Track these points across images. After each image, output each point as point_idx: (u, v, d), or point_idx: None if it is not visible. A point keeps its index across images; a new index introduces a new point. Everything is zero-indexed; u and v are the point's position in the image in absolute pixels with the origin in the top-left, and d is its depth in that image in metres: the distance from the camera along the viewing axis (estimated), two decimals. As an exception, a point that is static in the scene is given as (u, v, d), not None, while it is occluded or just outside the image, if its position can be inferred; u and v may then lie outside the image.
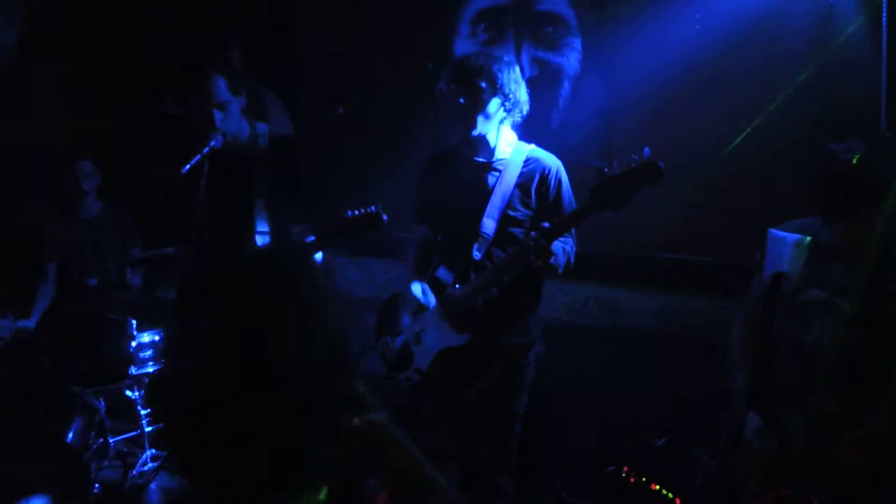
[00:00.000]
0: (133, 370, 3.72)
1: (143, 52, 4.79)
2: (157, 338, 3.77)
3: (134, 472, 3.69)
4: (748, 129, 3.10)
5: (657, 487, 2.89)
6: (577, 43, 3.60)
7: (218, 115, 3.07)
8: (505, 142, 2.86)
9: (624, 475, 2.98)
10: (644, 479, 2.92)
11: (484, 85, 2.71)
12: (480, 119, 2.75)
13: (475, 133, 2.78)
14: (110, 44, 4.81)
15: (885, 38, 2.98)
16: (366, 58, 4.12)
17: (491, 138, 2.84)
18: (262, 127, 3.26)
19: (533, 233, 2.62)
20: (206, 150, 2.87)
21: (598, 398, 3.56)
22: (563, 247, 2.78)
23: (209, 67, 3.06)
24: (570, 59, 3.62)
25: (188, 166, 2.81)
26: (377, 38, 4.10)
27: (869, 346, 2.32)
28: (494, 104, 2.76)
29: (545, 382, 3.28)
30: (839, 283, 2.36)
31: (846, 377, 2.33)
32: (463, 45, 3.83)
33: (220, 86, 3.05)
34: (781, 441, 2.38)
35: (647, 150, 2.36)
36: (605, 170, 2.40)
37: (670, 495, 2.87)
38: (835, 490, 2.30)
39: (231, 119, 3.13)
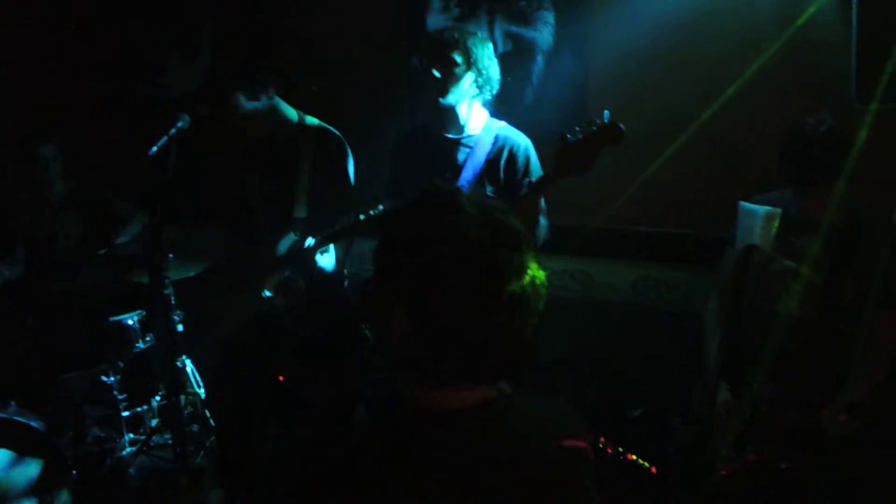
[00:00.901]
0: (109, 355, 3.69)
1: (113, 35, 4.70)
2: (131, 321, 3.74)
3: (112, 458, 3.67)
4: (721, 101, 3.10)
5: (634, 457, 2.93)
6: (550, 17, 3.58)
7: (248, 124, 3.04)
8: (475, 118, 2.87)
9: (601, 446, 3.01)
10: (621, 450, 2.95)
11: (459, 58, 2.73)
12: (453, 91, 2.77)
13: (445, 102, 2.78)
14: (78, 25, 4.72)
15: (854, 9, 3.00)
16: (339, 35, 4.08)
17: (462, 114, 2.85)
18: (310, 118, 3.16)
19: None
20: (172, 131, 2.82)
21: (574, 370, 3.58)
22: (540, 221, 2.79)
23: (225, 89, 3.00)
24: (544, 34, 3.59)
25: (155, 148, 2.77)
26: (350, 15, 4.05)
27: (837, 314, 2.35)
28: (468, 78, 2.78)
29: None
30: (809, 254, 2.39)
31: (814, 346, 2.37)
32: (435, 20, 3.79)
33: (240, 102, 2.99)
34: (750, 408, 2.42)
35: (606, 112, 2.39)
36: (568, 136, 2.42)
37: (646, 465, 2.91)
38: (805, 455, 2.34)
39: (262, 121, 3.05)
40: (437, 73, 2.74)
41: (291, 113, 3.15)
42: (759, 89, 3.13)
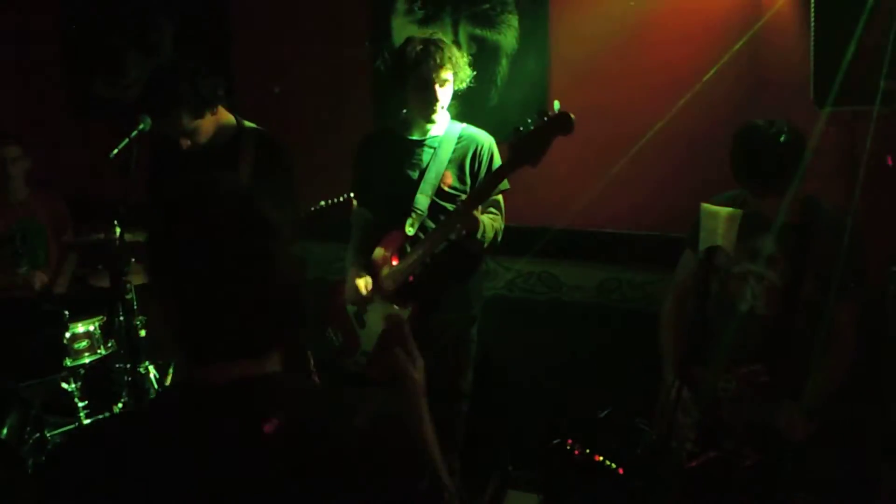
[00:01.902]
0: (68, 362, 3.61)
1: (72, 34, 4.61)
2: (91, 328, 3.66)
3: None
4: (683, 102, 3.14)
5: (601, 458, 2.95)
6: (514, 20, 3.59)
7: (185, 140, 2.87)
8: (440, 120, 2.89)
9: (569, 448, 3.02)
10: (588, 451, 2.97)
11: (451, 76, 2.80)
12: (444, 105, 2.84)
13: (437, 116, 2.85)
14: (39, 24, 4.63)
15: (812, 12, 3.05)
16: (303, 36, 4.05)
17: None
18: (248, 123, 3.00)
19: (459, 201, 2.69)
20: (134, 133, 2.77)
21: (542, 372, 3.60)
22: (490, 222, 2.82)
23: (169, 106, 2.83)
24: (508, 37, 3.61)
25: (116, 150, 2.73)
26: (315, 16, 4.03)
27: (797, 312, 2.39)
28: (453, 89, 2.86)
29: (490, 359, 3.31)
30: (767, 255, 2.42)
31: (776, 346, 2.40)
32: (400, 23, 3.79)
33: (184, 120, 2.80)
34: (713, 407, 2.45)
35: (556, 103, 2.45)
36: (520, 128, 2.46)
37: (613, 466, 2.93)
38: (768, 452, 2.38)
39: (202, 134, 2.89)
40: (440, 95, 2.79)
41: (230, 119, 3.01)
42: (721, 91, 3.17)
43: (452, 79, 2.81)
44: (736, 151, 2.41)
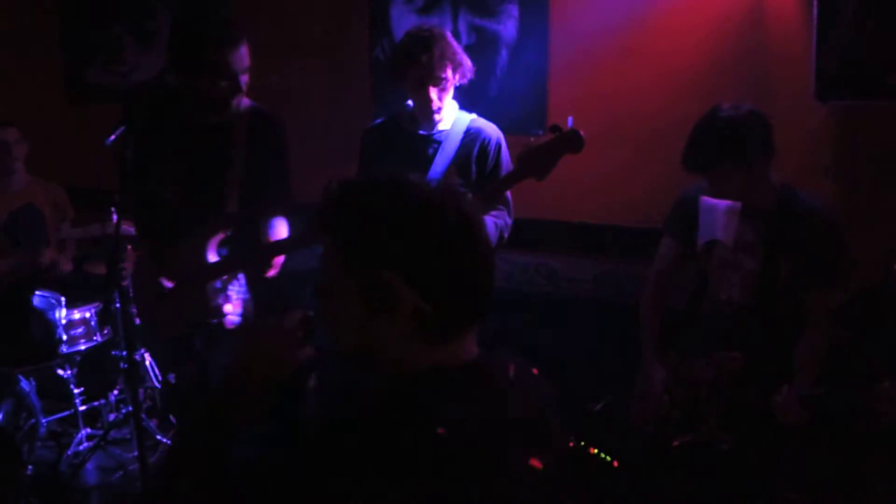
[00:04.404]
0: (64, 348, 3.61)
1: (71, 20, 4.60)
2: (88, 314, 3.66)
3: (69, 452, 3.60)
4: (681, 96, 3.12)
5: (595, 451, 2.94)
6: (514, 10, 3.57)
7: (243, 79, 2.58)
8: (447, 112, 2.84)
9: (563, 440, 3.02)
10: (583, 444, 2.96)
11: (449, 72, 2.71)
12: (444, 101, 2.76)
13: (440, 114, 2.79)
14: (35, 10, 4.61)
15: (815, 6, 3.04)
16: (302, 25, 4.03)
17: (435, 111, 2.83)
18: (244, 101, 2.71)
19: None
20: (130, 120, 2.73)
21: (538, 365, 3.59)
22: (494, 221, 2.78)
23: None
24: (508, 27, 3.59)
25: (113, 136, 2.69)
26: (314, 5, 4.01)
27: (772, 303, 2.39)
28: (453, 84, 2.77)
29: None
30: (744, 243, 2.42)
31: (752, 333, 2.41)
32: (399, 12, 3.76)
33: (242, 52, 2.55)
34: (691, 393, 2.46)
35: (570, 119, 2.41)
36: (531, 139, 2.44)
37: (608, 458, 2.92)
38: (748, 436, 2.38)
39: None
40: (434, 96, 2.72)
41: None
42: (722, 83, 3.16)
43: (451, 76, 2.72)
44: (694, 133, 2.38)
